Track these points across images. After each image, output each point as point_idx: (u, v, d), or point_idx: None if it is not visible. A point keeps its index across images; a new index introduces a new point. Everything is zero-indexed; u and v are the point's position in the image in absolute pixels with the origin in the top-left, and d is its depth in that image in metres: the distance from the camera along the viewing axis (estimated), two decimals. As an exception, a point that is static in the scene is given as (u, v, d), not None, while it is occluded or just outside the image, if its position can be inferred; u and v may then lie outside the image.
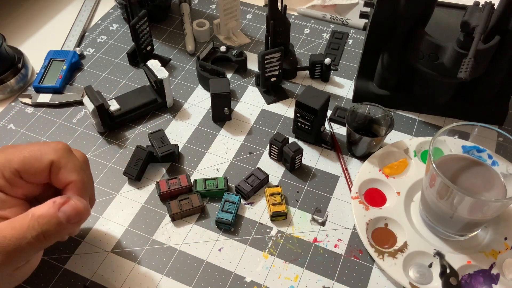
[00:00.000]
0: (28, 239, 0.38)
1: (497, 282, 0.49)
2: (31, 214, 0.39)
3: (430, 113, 0.66)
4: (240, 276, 0.50)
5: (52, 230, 0.39)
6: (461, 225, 0.49)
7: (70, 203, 0.39)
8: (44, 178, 0.43)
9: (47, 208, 0.39)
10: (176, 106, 0.67)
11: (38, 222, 0.38)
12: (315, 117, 0.58)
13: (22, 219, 0.38)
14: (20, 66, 0.69)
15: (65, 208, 0.39)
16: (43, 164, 0.42)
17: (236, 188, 0.57)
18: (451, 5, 0.62)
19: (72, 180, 0.43)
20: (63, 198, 0.40)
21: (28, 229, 0.38)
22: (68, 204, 0.39)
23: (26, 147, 0.43)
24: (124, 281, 0.50)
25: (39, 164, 0.42)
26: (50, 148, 0.43)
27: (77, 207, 0.40)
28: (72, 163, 0.43)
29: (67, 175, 0.43)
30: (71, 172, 0.43)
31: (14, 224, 0.38)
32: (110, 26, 0.79)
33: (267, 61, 0.64)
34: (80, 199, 0.41)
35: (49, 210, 0.39)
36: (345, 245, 0.53)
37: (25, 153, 0.42)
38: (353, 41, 0.77)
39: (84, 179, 0.44)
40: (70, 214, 0.39)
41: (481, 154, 0.51)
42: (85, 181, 0.44)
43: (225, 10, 0.73)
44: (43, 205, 0.39)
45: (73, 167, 0.43)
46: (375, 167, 0.58)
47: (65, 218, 0.39)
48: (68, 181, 0.43)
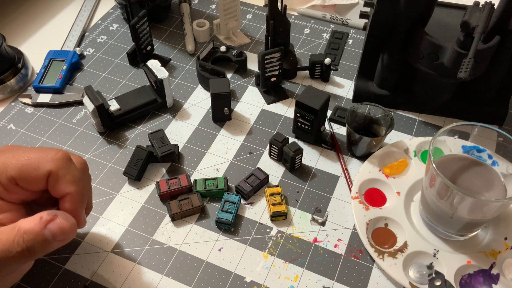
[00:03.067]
0: (13, 253, 0.37)
1: (497, 282, 0.49)
2: (17, 228, 0.38)
3: (430, 113, 0.66)
4: (240, 276, 0.50)
5: (37, 246, 0.38)
6: (461, 225, 0.49)
7: (56, 221, 0.38)
8: (41, 187, 0.42)
9: (33, 224, 0.38)
10: (176, 106, 0.67)
11: (23, 238, 0.37)
12: (315, 117, 0.58)
13: (9, 232, 0.38)
14: (20, 66, 0.69)
15: (52, 226, 0.38)
16: (40, 174, 0.41)
17: (236, 188, 0.57)
18: (451, 5, 0.62)
19: (69, 192, 0.42)
20: (50, 214, 0.39)
21: (13, 244, 0.37)
22: (54, 223, 0.38)
23: (24, 153, 0.42)
24: (124, 281, 0.50)
25: (36, 173, 0.41)
26: (49, 157, 0.41)
27: (63, 227, 0.39)
28: (70, 174, 0.42)
29: (64, 187, 0.42)
30: (68, 183, 0.42)
31: (0, 236, 0.37)
32: (110, 26, 0.79)
33: (267, 61, 0.64)
34: (68, 218, 0.40)
35: (35, 226, 0.38)
36: (345, 245, 0.53)
37: (23, 160, 0.41)
38: (353, 41, 0.77)
39: (81, 191, 0.43)
40: (56, 233, 0.38)
41: (481, 154, 0.51)
42: (83, 193, 0.43)
43: (225, 10, 0.73)
44: (31, 219, 0.38)
45: (71, 178, 0.42)
46: (375, 167, 0.58)
47: (51, 236, 0.38)
48: (65, 193, 0.42)
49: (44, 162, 0.41)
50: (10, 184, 0.40)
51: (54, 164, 0.41)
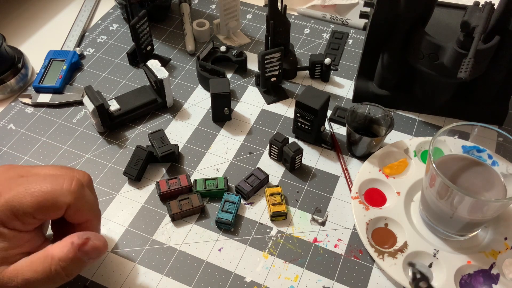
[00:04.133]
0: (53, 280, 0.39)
1: (497, 282, 0.49)
2: (51, 257, 0.39)
3: (430, 113, 0.66)
4: (240, 276, 0.50)
5: (74, 269, 0.40)
6: (461, 225, 0.49)
7: (89, 243, 0.40)
8: (58, 217, 0.42)
9: (67, 250, 0.39)
10: (176, 106, 0.67)
11: (61, 266, 0.39)
12: (315, 117, 0.58)
13: (43, 261, 0.39)
14: (20, 66, 0.69)
15: (87, 249, 0.40)
16: (59, 209, 0.41)
17: (236, 188, 0.57)
18: (451, 5, 0.62)
19: (88, 219, 0.43)
20: (80, 238, 0.40)
21: (51, 272, 0.39)
22: (88, 245, 0.40)
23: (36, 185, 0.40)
24: (124, 281, 0.50)
25: (54, 208, 0.40)
26: (64, 190, 0.40)
27: (98, 247, 0.41)
28: (88, 203, 0.43)
29: (83, 216, 0.43)
30: (87, 212, 0.43)
31: (35, 267, 0.39)
32: (110, 26, 0.79)
33: (267, 61, 0.64)
34: (98, 237, 0.41)
35: (69, 253, 0.39)
36: (345, 245, 0.53)
37: (38, 195, 0.39)
38: (353, 41, 0.77)
39: (98, 214, 0.45)
40: (92, 254, 0.40)
41: (481, 154, 0.51)
42: (99, 215, 0.45)
43: (225, 10, 0.73)
44: (62, 245, 0.40)
45: (89, 207, 0.43)
46: (375, 167, 0.58)
47: (87, 258, 0.40)
48: (83, 221, 0.43)
49: (61, 196, 0.40)
50: (27, 218, 0.40)
51: (71, 197, 0.41)
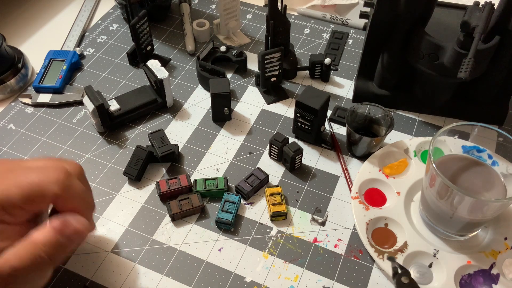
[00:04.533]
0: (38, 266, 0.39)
1: (497, 282, 0.49)
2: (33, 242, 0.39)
3: (430, 113, 0.66)
4: (240, 276, 0.50)
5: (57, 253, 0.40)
6: (461, 225, 0.49)
7: (71, 227, 0.40)
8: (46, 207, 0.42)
9: (49, 234, 0.39)
10: (176, 106, 0.67)
11: (43, 250, 0.39)
12: (315, 117, 0.58)
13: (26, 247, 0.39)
14: (20, 66, 0.69)
15: (68, 232, 0.40)
16: (46, 199, 0.40)
17: (236, 188, 0.57)
18: (451, 5, 0.62)
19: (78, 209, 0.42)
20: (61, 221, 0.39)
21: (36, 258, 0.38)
22: (69, 228, 0.40)
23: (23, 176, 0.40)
24: (124, 281, 0.50)
25: (41, 199, 0.40)
26: (51, 180, 0.40)
27: (78, 230, 0.40)
28: (75, 192, 0.42)
29: (71, 205, 0.42)
30: (75, 201, 0.42)
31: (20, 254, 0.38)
32: (110, 26, 0.79)
33: (267, 61, 0.64)
34: (79, 219, 0.41)
35: (51, 237, 0.39)
36: (345, 245, 0.53)
37: (24, 186, 0.39)
38: (353, 41, 0.77)
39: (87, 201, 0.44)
40: (73, 236, 0.40)
41: (481, 154, 0.51)
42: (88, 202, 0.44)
43: (225, 10, 0.73)
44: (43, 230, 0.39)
45: (77, 195, 0.42)
46: (375, 167, 0.58)
47: (68, 241, 0.40)
48: (71, 209, 0.42)
49: (48, 185, 0.40)
50: (15, 210, 0.40)
51: (58, 187, 0.40)
